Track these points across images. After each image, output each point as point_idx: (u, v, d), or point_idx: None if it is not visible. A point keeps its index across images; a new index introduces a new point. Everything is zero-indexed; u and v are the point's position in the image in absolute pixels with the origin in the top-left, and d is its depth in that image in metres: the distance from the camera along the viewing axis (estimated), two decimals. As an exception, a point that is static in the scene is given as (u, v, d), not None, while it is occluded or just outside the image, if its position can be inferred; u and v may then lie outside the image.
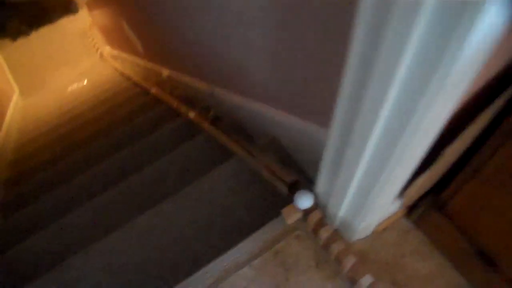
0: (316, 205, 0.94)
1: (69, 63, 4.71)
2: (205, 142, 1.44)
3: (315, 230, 0.92)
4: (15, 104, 3.71)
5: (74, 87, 3.81)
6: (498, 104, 0.60)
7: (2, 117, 3.03)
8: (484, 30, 0.37)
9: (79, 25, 5.11)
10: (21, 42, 5.04)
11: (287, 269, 0.89)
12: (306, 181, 1.04)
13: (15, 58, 4.84)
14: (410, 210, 0.88)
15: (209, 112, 1.70)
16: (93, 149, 1.89)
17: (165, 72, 2.19)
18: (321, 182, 0.85)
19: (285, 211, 0.97)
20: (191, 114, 1.67)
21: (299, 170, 1.12)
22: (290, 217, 0.96)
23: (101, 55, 4.68)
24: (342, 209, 0.81)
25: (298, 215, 0.96)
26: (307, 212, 0.94)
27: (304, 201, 0.93)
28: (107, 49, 4.31)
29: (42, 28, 5.17)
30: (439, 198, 0.79)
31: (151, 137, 1.69)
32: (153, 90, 2.19)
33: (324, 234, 0.90)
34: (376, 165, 0.62)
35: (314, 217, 0.93)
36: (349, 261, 0.84)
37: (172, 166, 1.40)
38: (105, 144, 1.89)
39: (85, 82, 3.78)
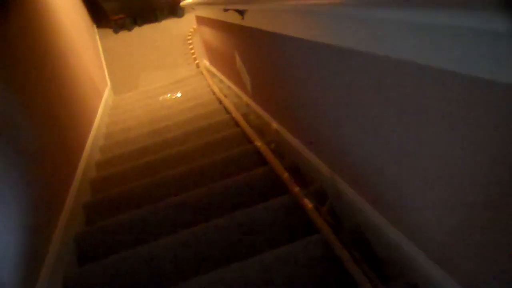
0: None
1: (165, 68, 4.68)
2: (319, 246, 1.16)
3: None
4: (106, 101, 3.70)
5: (166, 97, 3.73)
6: None
7: (93, 115, 2.98)
8: None
9: (182, 29, 5.09)
10: (122, 35, 5.11)
11: None
12: None
13: (113, 51, 4.91)
14: None
15: (325, 203, 1.43)
16: (183, 198, 1.70)
17: (274, 125, 1.96)
18: None
19: None
20: (302, 196, 1.40)
21: None
22: None
23: (198, 66, 4.60)
24: None
25: None
26: None
27: None
28: (205, 63, 4.21)
29: (146, 25, 5.22)
30: None
31: (248, 211, 1.45)
32: (258, 144, 1.97)
33: None
34: None
35: None
36: None
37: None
38: (195, 198, 1.70)
39: (179, 94, 3.68)
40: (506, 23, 0.33)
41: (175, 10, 5.15)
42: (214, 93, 3.21)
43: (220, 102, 2.91)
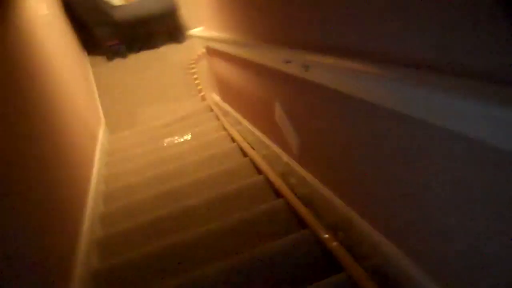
0: None
1: (166, 101, 4.22)
2: None
3: None
4: (102, 145, 3.22)
5: (172, 140, 3.26)
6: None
7: (89, 170, 2.50)
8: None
9: (183, 56, 4.66)
10: (117, 63, 4.66)
11: None
12: None
13: (107, 81, 4.44)
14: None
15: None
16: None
17: (339, 203, 1.50)
18: None
19: None
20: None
21: None
22: None
23: (203, 98, 4.15)
24: None
25: None
26: None
27: None
28: (214, 97, 3.75)
29: (142, 52, 4.77)
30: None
31: None
32: (320, 233, 1.51)
33: None
34: None
35: None
36: None
37: None
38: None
39: (188, 137, 3.21)
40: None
41: (176, 35, 4.73)
42: (233, 140, 2.75)
43: (245, 153, 2.46)
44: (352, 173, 1.33)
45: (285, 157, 2.01)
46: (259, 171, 2.20)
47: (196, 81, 4.31)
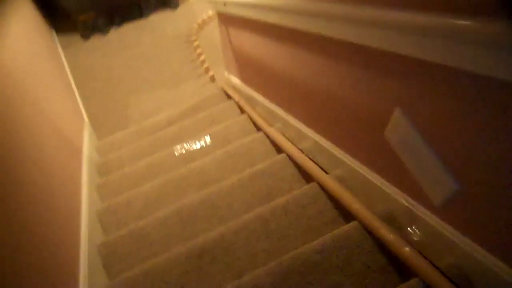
0: None
1: (165, 85, 3.36)
2: None
3: None
4: (89, 161, 2.38)
5: (186, 147, 2.42)
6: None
7: (75, 210, 1.68)
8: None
9: (180, 26, 3.74)
10: (95, 42, 3.73)
11: None
12: None
13: (85, 66, 3.53)
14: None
15: None
16: None
17: None
18: None
19: None
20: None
21: None
22: None
23: (213, 79, 3.28)
24: None
25: None
26: None
27: None
28: (228, 78, 2.88)
29: (127, 24, 3.84)
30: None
31: None
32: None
33: None
34: None
35: None
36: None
37: None
38: None
39: (208, 141, 2.38)
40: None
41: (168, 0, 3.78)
42: (275, 145, 1.93)
43: (302, 169, 1.64)
44: None
45: (401, 197, 1.19)
46: (343, 209, 1.39)
47: (201, 57, 3.42)
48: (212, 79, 3.35)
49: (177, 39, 3.62)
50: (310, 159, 1.69)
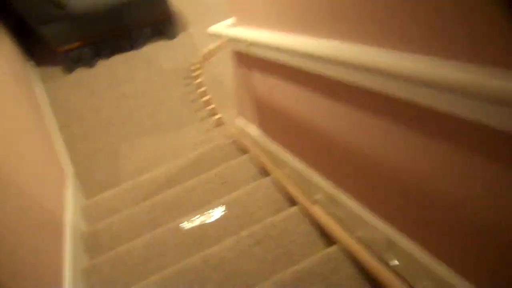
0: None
1: (161, 130, 2.91)
2: None
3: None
4: (74, 234, 1.90)
5: (196, 220, 1.97)
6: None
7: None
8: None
9: (178, 59, 3.31)
10: (79, 76, 3.26)
11: None
12: None
13: (68, 106, 3.06)
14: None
15: None
16: None
17: None
18: None
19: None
20: None
21: None
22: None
23: (220, 123, 2.85)
24: None
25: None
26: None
27: None
28: (245, 126, 2.45)
29: (116, 56, 3.39)
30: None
31: None
32: None
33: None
34: None
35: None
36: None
37: None
38: None
39: (223, 211, 1.93)
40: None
41: (164, 29, 3.35)
42: (318, 225, 1.51)
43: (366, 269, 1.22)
44: None
45: None
46: None
47: (205, 97, 2.98)
48: (219, 123, 2.91)
49: (175, 74, 3.18)
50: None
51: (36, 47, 3.39)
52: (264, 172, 2.20)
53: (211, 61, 3.32)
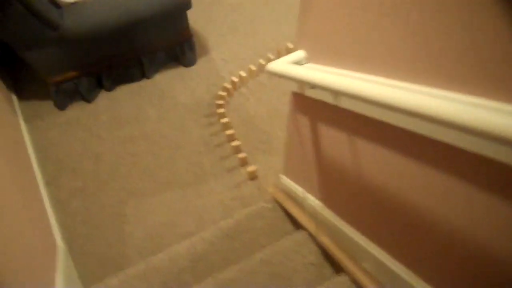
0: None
1: (178, 184, 2.31)
2: None
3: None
4: None
5: None
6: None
7: None
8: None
9: (198, 91, 2.70)
10: (76, 113, 2.65)
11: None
12: None
13: (59, 153, 2.44)
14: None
15: None
16: None
17: None
18: None
19: None
20: None
21: None
22: None
23: (252, 176, 2.22)
24: None
25: None
26: None
27: None
28: (293, 189, 1.82)
29: (121, 87, 2.78)
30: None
31: None
32: None
33: None
34: None
35: None
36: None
37: None
38: None
39: None
40: None
41: (182, 53, 2.74)
42: None
43: None
44: None
45: None
46: None
47: (233, 142, 2.36)
48: (253, 176, 2.28)
49: (195, 110, 2.56)
50: None
51: (21, 77, 2.78)
52: (331, 262, 1.56)
53: (241, 93, 2.71)
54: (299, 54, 1.28)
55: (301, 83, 1.32)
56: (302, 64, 1.29)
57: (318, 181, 1.63)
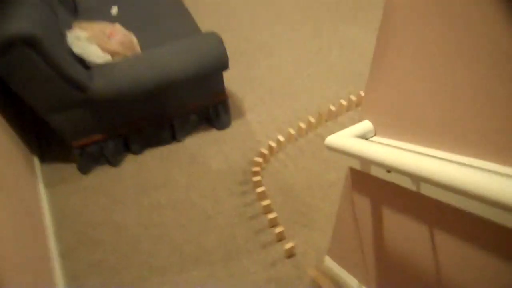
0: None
1: (208, 261, 2.01)
2: None
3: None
4: None
5: None
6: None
7: None
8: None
9: (232, 157, 2.49)
10: (100, 178, 2.46)
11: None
12: None
13: (79, 221, 2.23)
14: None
15: None
16: None
17: None
18: None
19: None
20: None
21: None
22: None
23: (290, 253, 1.92)
24: None
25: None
26: None
27: None
28: (341, 277, 1.52)
29: (149, 151, 2.59)
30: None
31: None
32: None
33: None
34: None
35: None
36: None
37: None
38: None
39: None
40: None
41: (215, 115, 2.57)
42: None
43: None
44: None
45: None
46: None
47: (270, 215, 2.10)
48: (290, 253, 1.99)
49: (228, 177, 2.34)
50: None
51: (44, 139, 2.66)
52: None
53: (279, 158, 2.49)
54: (366, 125, 1.06)
55: (369, 162, 1.08)
56: (368, 138, 1.06)
57: (377, 276, 1.34)
